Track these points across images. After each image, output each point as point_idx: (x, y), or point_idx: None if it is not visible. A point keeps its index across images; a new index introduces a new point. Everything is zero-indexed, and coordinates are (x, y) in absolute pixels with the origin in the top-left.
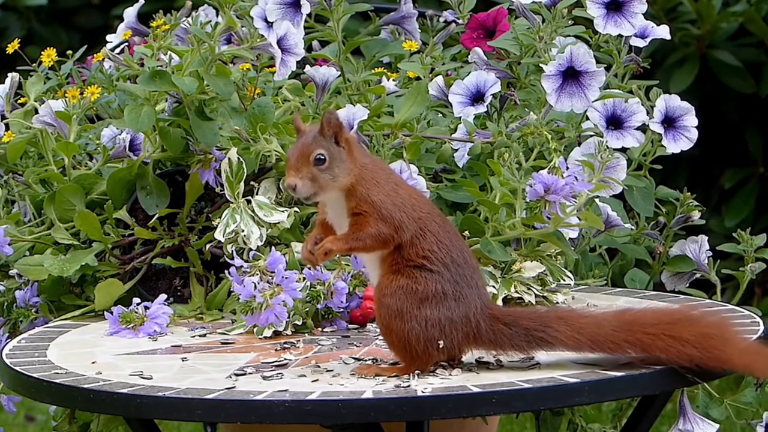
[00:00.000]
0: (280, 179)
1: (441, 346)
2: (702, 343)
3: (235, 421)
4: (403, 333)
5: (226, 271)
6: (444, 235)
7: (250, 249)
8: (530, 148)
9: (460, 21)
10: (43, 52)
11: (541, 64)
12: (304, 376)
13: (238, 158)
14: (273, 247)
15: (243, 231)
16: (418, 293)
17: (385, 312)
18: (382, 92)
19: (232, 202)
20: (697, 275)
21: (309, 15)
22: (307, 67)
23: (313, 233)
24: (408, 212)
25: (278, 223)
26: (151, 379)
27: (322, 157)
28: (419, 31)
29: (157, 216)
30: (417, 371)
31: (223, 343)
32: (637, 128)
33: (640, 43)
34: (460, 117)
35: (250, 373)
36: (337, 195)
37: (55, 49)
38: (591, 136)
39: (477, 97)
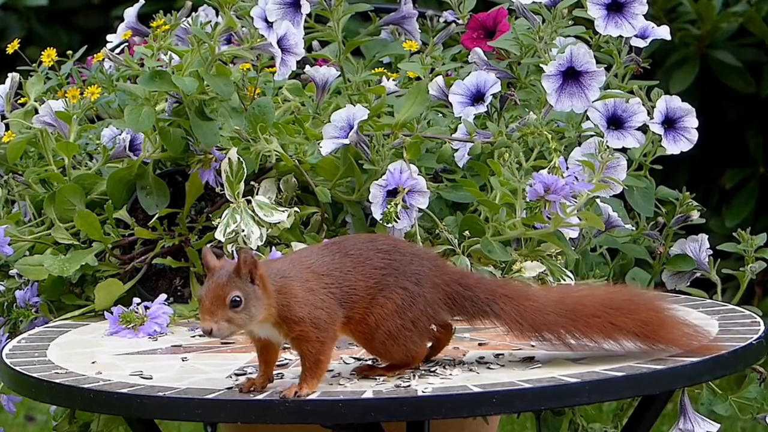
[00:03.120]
0: (280, 179)
1: (434, 330)
2: (642, 329)
3: (235, 421)
4: (404, 347)
5: None
6: (361, 251)
7: (251, 249)
8: (530, 148)
9: (460, 21)
10: (43, 53)
11: (541, 64)
12: None
13: (238, 158)
14: (273, 247)
15: (243, 231)
16: (391, 309)
17: (380, 346)
18: (382, 92)
19: (232, 202)
20: (698, 274)
21: (309, 15)
22: (307, 67)
23: (260, 365)
24: (329, 288)
25: (278, 223)
26: (151, 379)
27: (238, 299)
28: (419, 31)
29: (157, 216)
30: (417, 364)
31: (223, 343)
32: (638, 128)
33: (641, 43)
34: (460, 117)
35: (250, 373)
36: (259, 325)
37: (55, 50)
38: (591, 136)
39: (477, 97)
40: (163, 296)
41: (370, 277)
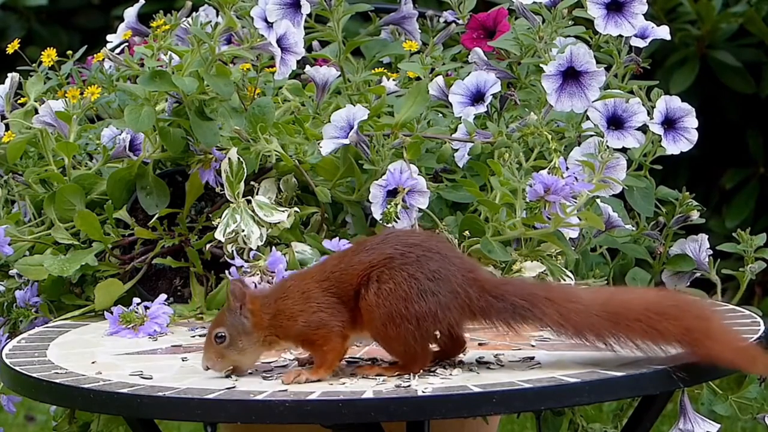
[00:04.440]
0: (280, 179)
1: (438, 336)
2: (686, 336)
3: (235, 421)
4: (400, 336)
5: (226, 271)
6: (367, 254)
7: (251, 249)
8: (530, 148)
9: (460, 21)
10: (43, 53)
11: (541, 65)
12: None
13: (238, 158)
14: (273, 247)
15: (243, 231)
16: (398, 292)
17: (378, 323)
18: (382, 92)
19: (232, 202)
20: (698, 274)
21: (309, 15)
22: (307, 67)
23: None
24: (329, 289)
25: (278, 223)
26: (151, 379)
27: (222, 335)
28: (419, 31)
29: (157, 216)
30: (418, 369)
31: None
32: (638, 128)
33: (641, 43)
34: (460, 117)
35: (250, 373)
36: (267, 350)
37: (55, 50)
38: (591, 136)
39: (477, 97)
40: (163, 296)
41: (373, 260)
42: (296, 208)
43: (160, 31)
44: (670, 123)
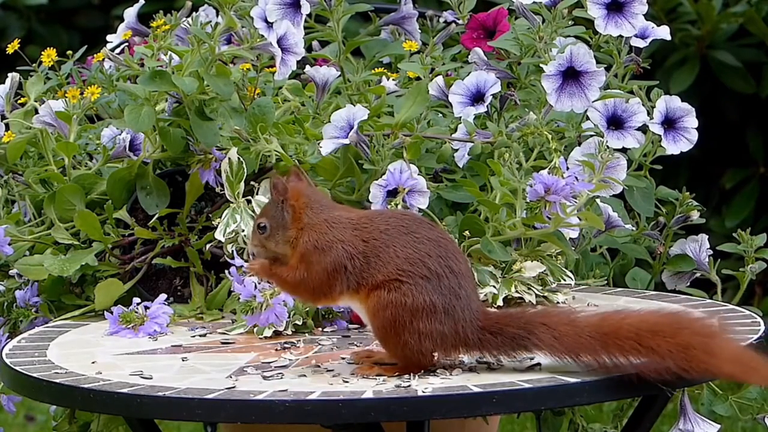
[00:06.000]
0: None
1: (436, 357)
2: (682, 354)
3: (235, 421)
4: (399, 345)
5: (226, 271)
6: (413, 249)
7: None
8: (530, 148)
9: (460, 21)
10: (43, 52)
11: (541, 65)
12: (305, 376)
13: (238, 158)
14: None
15: (243, 231)
16: (408, 306)
17: (380, 325)
18: (382, 92)
19: (232, 202)
20: (698, 275)
21: (309, 15)
22: (307, 67)
23: None
24: (343, 258)
25: None
26: (151, 379)
27: (264, 226)
28: (419, 31)
29: (157, 216)
30: (419, 371)
31: (223, 343)
32: (638, 128)
33: (641, 43)
34: (460, 117)
35: (250, 373)
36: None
37: (55, 49)
38: (591, 136)
39: (477, 97)
40: (163, 296)
41: (405, 269)
42: None
43: (160, 31)
44: (670, 123)
